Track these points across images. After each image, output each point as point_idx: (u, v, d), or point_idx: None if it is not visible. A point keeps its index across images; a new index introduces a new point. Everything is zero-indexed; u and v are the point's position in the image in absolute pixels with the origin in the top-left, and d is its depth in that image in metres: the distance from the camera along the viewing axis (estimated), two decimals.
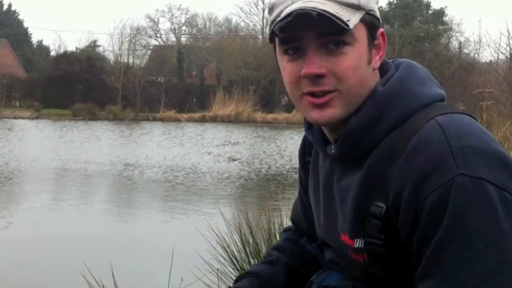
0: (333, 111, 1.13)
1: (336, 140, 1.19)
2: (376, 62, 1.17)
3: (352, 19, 1.09)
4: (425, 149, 1.03)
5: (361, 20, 1.12)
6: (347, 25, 1.07)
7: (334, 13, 1.07)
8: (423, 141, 1.04)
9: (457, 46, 44.44)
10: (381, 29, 1.18)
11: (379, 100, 1.13)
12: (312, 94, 1.13)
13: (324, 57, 1.11)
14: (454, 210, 0.98)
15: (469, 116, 1.10)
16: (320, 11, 1.06)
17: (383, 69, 1.20)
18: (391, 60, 1.23)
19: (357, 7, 1.12)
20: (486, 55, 48.86)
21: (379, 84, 1.15)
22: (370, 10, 1.14)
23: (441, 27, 45.89)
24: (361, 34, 1.13)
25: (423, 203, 1.00)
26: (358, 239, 1.14)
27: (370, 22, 1.14)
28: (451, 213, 0.98)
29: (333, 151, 1.20)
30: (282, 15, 1.10)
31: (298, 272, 1.39)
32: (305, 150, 1.42)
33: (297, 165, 1.51)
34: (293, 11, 1.07)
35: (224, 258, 4.20)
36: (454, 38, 45.54)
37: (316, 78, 1.11)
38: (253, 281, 1.36)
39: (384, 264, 1.10)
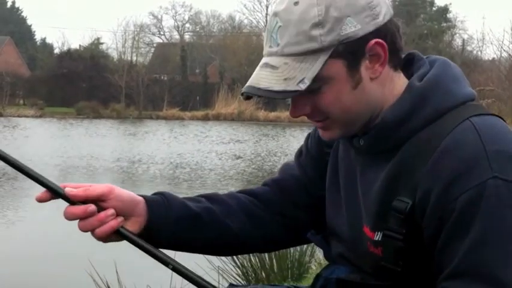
0: (333, 132, 1.18)
1: (365, 133, 1.18)
2: (376, 70, 1.13)
3: (310, 73, 1.08)
4: (460, 149, 1.04)
5: (332, 56, 1.09)
6: (297, 90, 1.08)
7: (279, 89, 1.09)
8: (458, 142, 1.05)
9: (460, 44, 44.34)
10: (373, 41, 1.10)
11: (416, 95, 1.13)
12: None
13: (305, 96, 1.12)
14: (488, 211, 1.00)
15: (499, 117, 1.12)
16: (262, 93, 1.10)
17: (415, 64, 1.19)
18: (425, 56, 1.21)
19: (318, 50, 1.09)
20: (489, 53, 48.71)
21: (415, 80, 1.15)
22: (344, 40, 1.09)
23: (445, 24, 45.76)
24: (336, 68, 1.10)
25: (454, 203, 1.02)
26: (379, 232, 1.14)
27: (346, 51, 1.10)
28: (484, 214, 1.00)
29: (361, 143, 1.19)
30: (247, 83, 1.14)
31: (217, 219, 1.38)
32: (321, 140, 1.37)
33: None
34: (244, 91, 1.13)
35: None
36: (457, 35, 45.46)
37: (306, 115, 1.17)
38: (157, 198, 1.36)
39: (400, 259, 1.11)
